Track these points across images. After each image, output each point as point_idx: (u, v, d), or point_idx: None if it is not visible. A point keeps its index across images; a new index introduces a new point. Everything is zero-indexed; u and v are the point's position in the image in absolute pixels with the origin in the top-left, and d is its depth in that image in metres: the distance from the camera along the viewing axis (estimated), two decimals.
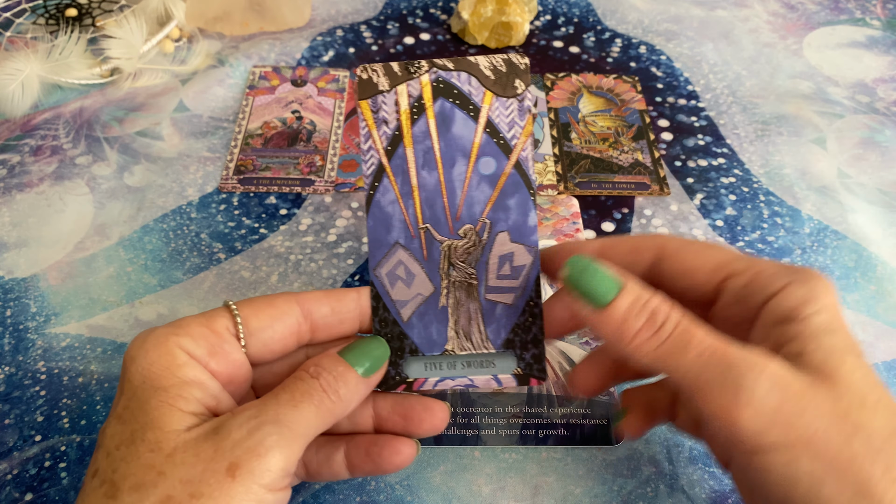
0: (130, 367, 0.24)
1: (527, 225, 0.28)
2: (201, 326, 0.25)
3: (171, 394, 0.24)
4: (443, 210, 0.28)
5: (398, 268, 0.28)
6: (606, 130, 0.50)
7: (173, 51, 0.54)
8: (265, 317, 0.26)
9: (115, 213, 0.44)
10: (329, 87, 0.52)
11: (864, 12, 0.62)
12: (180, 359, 0.24)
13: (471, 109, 0.28)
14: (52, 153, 0.47)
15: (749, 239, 0.44)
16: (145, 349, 0.24)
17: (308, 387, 0.25)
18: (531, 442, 0.34)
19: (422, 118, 0.28)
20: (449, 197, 0.27)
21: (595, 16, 0.60)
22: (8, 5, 0.57)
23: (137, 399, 0.24)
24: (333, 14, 0.59)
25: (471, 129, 0.28)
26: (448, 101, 0.28)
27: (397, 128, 0.28)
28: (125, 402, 0.24)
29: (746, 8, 0.62)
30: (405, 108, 0.28)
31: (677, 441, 0.35)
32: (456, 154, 0.28)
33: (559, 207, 0.45)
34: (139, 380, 0.24)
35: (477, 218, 0.28)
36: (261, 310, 0.26)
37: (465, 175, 0.27)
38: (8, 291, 0.40)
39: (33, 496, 0.32)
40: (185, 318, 0.26)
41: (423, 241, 0.28)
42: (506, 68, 0.28)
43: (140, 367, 0.24)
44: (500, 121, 0.28)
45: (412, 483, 0.33)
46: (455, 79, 0.28)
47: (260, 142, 0.48)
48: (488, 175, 0.28)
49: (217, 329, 0.26)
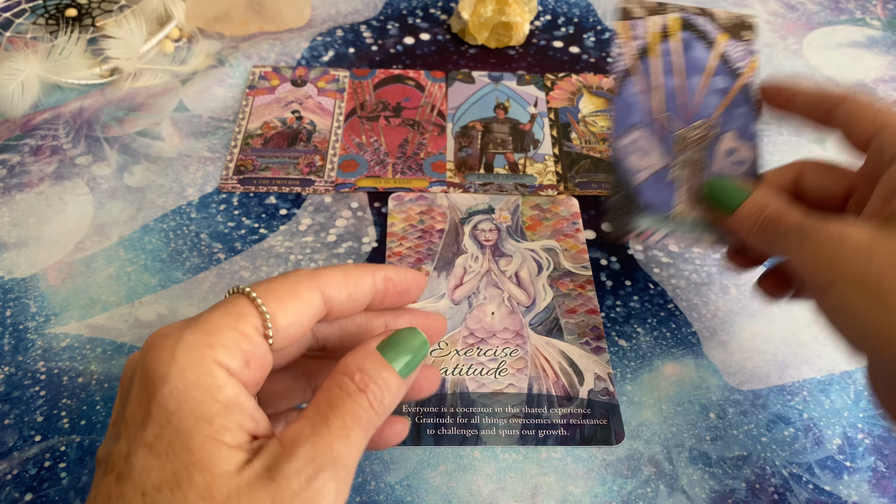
0: (162, 388, 0.21)
1: (750, 130, 0.35)
2: (233, 331, 0.23)
3: (215, 425, 0.21)
4: (680, 108, 0.35)
5: (636, 142, 0.35)
6: (606, 131, 0.50)
7: (173, 51, 0.54)
8: (292, 311, 0.24)
9: (115, 213, 0.44)
10: (329, 87, 0.52)
11: (864, 12, 0.62)
12: (220, 379, 0.22)
13: (708, 42, 0.36)
14: (52, 153, 0.47)
15: None
16: (179, 367, 0.21)
17: (357, 407, 0.23)
18: (531, 442, 0.34)
19: (667, 42, 0.36)
20: (687, 99, 0.35)
21: (595, 16, 0.60)
22: (8, 5, 0.57)
23: (175, 430, 0.21)
24: (333, 14, 0.59)
25: (707, 55, 0.36)
26: (690, 33, 0.36)
27: (645, 45, 0.36)
28: (157, 430, 0.21)
29: (746, 8, 0.62)
30: (655, 31, 0.36)
31: (677, 441, 0.35)
32: (693, 69, 0.35)
33: (559, 208, 0.45)
34: (174, 405, 0.21)
35: (708, 118, 0.35)
36: (286, 302, 0.24)
37: (701, 85, 0.35)
38: (8, 291, 0.40)
39: (33, 496, 0.32)
40: (210, 318, 0.23)
41: (660, 126, 0.35)
42: (739, 21, 0.37)
43: (175, 390, 0.21)
44: (731, 54, 0.36)
45: (412, 483, 0.33)
46: (697, 20, 0.36)
47: (260, 142, 0.48)
48: (719, 89, 0.35)
49: (247, 332, 0.23)
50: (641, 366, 0.38)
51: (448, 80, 0.53)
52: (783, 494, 0.33)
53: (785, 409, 0.36)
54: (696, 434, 0.35)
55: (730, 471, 0.34)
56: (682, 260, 0.42)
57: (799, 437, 0.35)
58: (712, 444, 0.35)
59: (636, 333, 0.39)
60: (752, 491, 0.33)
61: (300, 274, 0.25)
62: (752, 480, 0.34)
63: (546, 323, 0.39)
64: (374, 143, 0.48)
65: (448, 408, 0.35)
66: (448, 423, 0.35)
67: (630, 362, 0.38)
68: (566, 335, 0.38)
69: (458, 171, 0.47)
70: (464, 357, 0.37)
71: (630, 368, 0.37)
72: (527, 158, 0.48)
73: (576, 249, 0.42)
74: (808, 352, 0.39)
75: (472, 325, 0.39)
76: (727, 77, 0.36)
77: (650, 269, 0.42)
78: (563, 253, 0.42)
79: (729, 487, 0.33)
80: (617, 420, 0.35)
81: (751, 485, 0.34)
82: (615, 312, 0.40)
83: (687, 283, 0.41)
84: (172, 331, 0.23)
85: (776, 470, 0.34)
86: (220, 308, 0.23)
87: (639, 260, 0.42)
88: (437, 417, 0.35)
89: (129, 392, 0.22)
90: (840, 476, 0.34)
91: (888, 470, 0.34)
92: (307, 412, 0.23)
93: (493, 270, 0.41)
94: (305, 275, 0.25)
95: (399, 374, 0.25)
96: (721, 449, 0.35)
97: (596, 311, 0.39)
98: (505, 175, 0.46)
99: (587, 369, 0.37)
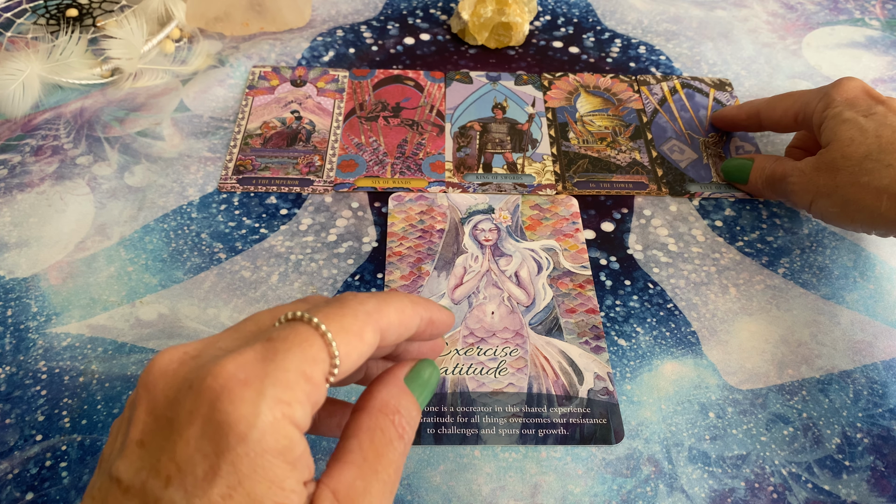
0: (237, 448, 0.20)
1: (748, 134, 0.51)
2: (307, 382, 0.21)
3: (286, 490, 0.21)
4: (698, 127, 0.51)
5: (672, 147, 0.49)
6: (604, 130, 0.50)
7: (174, 51, 0.54)
8: (356, 354, 0.23)
9: (116, 213, 0.44)
10: (328, 87, 0.52)
11: (863, 13, 0.62)
12: (294, 439, 0.21)
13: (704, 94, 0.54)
14: (53, 153, 0.47)
15: (748, 239, 0.44)
16: (261, 429, 0.20)
17: (398, 455, 0.24)
18: (531, 441, 0.34)
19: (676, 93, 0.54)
20: (699, 123, 0.52)
21: (595, 16, 0.60)
22: (9, 5, 0.57)
23: (247, 493, 0.20)
24: (334, 14, 0.59)
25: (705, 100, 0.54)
26: (690, 90, 0.54)
27: (662, 96, 0.54)
28: (226, 491, 0.20)
29: (746, 8, 0.62)
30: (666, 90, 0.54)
31: (677, 440, 0.35)
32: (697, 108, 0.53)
33: (559, 207, 0.45)
34: (249, 468, 0.20)
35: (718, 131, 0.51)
36: (354, 346, 0.23)
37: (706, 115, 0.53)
38: (9, 291, 0.40)
39: (34, 495, 0.32)
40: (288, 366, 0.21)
41: (686, 137, 0.50)
42: (720, 81, 0.56)
43: (253, 454, 0.20)
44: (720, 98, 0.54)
45: (412, 482, 0.33)
46: (693, 82, 0.55)
47: (259, 142, 0.48)
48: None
49: (318, 380, 0.22)
50: (641, 365, 0.38)
51: (446, 81, 0.53)
52: (782, 494, 0.33)
53: (784, 409, 0.36)
54: (696, 433, 0.35)
55: (729, 470, 0.34)
56: (682, 260, 0.43)
57: (798, 436, 0.35)
58: (712, 443, 0.35)
59: (636, 333, 0.39)
60: (752, 490, 0.33)
61: (367, 311, 0.24)
62: (751, 480, 0.34)
63: (546, 322, 0.39)
64: (373, 144, 0.48)
65: (448, 407, 0.35)
66: (448, 422, 0.35)
67: (629, 362, 0.38)
68: (566, 335, 0.38)
69: (456, 171, 0.47)
70: (464, 356, 0.37)
71: (629, 368, 0.37)
72: (525, 158, 0.48)
73: (575, 249, 0.42)
74: (807, 351, 0.39)
75: (472, 324, 0.39)
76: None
77: (649, 268, 0.42)
78: (563, 252, 0.42)
79: (728, 487, 0.33)
80: (616, 419, 0.35)
81: (750, 484, 0.34)
82: (615, 312, 0.40)
83: (686, 283, 0.41)
84: (250, 376, 0.21)
85: (775, 469, 0.34)
86: (295, 350, 0.22)
87: (638, 260, 0.42)
88: (437, 417, 0.35)
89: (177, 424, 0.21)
90: (839, 475, 0.34)
91: (887, 469, 0.34)
92: (352, 458, 0.23)
93: (493, 270, 0.41)
94: (372, 313, 0.24)
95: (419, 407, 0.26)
96: (720, 448, 0.35)
97: (595, 311, 0.40)
98: (503, 175, 0.47)
99: (587, 369, 0.37)
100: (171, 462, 0.20)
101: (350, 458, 0.23)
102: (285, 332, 0.22)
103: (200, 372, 0.21)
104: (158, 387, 0.22)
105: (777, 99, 0.46)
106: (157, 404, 0.21)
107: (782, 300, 0.41)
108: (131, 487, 0.21)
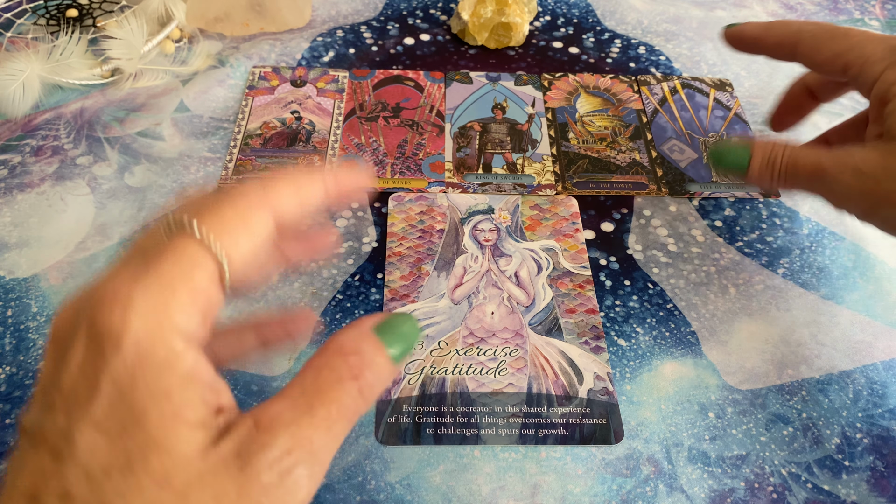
0: (113, 360, 0.19)
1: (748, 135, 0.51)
2: (188, 286, 0.20)
3: (174, 401, 0.19)
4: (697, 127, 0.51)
5: (672, 147, 0.49)
6: (604, 130, 0.50)
7: (174, 51, 0.54)
8: (246, 247, 0.21)
9: (116, 213, 0.44)
10: (328, 87, 0.52)
11: (862, 12, 0.62)
12: (178, 348, 0.19)
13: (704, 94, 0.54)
14: (53, 153, 0.47)
15: (748, 239, 0.44)
16: (134, 335, 0.19)
17: (346, 396, 0.21)
18: (531, 441, 0.34)
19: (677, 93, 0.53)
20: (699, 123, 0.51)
21: (594, 16, 0.60)
22: (9, 6, 0.57)
23: (129, 407, 0.19)
24: (334, 15, 0.59)
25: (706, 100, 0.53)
26: (690, 90, 0.54)
27: (662, 96, 0.53)
28: (107, 407, 0.19)
29: (745, 8, 0.62)
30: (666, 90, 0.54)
31: (676, 440, 0.35)
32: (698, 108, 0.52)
33: (559, 208, 0.45)
34: (127, 379, 0.19)
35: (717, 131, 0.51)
36: (239, 237, 0.21)
37: (707, 116, 0.52)
38: (9, 291, 0.40)
39: None
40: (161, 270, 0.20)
41: (686, 137, 0.50)
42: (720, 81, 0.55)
43: (129, 363, 0.19)
44: (720, 99, 0.53)
45: (412, 482, 0.33)
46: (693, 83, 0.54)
47: (259, 142, 0.48)
48: (720, 116, 0.52)
49: (203, 284, 0.20)
50: (640, 365, 0.38)
51: (446, 81, 0.53)
52: (782, 494, 0.33)
53: (784, 409, 0.36)
54: (695, 433, 0.35)
55: (729, 470, 0.34)
56: (681, 260, 0.43)
57: (798, 436, 0.35)
58: (711, 443, 0.35)
59: (635, 333, 0.39)
60: (751, 490, 0.33)
61: (248, 196, 0.22)
62: (750, 480, 0.34)
63: (545, 322, 0.39)
64: (372, 144, 0.48)
65: (448, 407, 0.35)
66: (448, 422, 0.35)
67: (629, 362, 0.38)
68: (565, 335, 0.38)
69: (456, 172, 0.47)
70: (463, 356, 0.37)
71: (629, 368, 0.38)
72: (525, 158, 0.48)
73: (575, 249, 0.42)
74: (807, 351, 0.39)
75: (472, 324, 0.39)
76: (723, 110, 0.52)
77: (649, 268, 0.42)
78: (563, 253, 0.42)
79: (728, 487, 0.33)
80: (616, 419, 0.35)
81: (749, 484, 0.34)
82: (614, 312, 0.40)
83: (686, 283, 0.41)
84: (120, 284, 0.19)
85: (775, 469, 0.34)
86: (169, 255, 0.20)
87: (638, 260, 0.43)
88: (437, 417, 0.35)
89: (66, 354, 0.19)
90: (839, 475, 0.34)
91: (887, 469, 0.34)
92: (290, 392, 0.21)
93: (493, 270, 0.41)
94: (254, 196, 0.22)
95: (392, 361, 0.23)
96: (720, 448, 0.35)
97: (595, 311, 0.40)
98: (503, 175, 0.47)
99: (586, 369, 0.37)
100: (58, 393, 0.19)
101: (286, 392, 0.21)
102: (158, 240, 0.21)
103: (84, 298, 0.20)
104: (56, 326, 0.21)
105: (827, 32, 0.35)
106: (55, 342, 0.21)
107: (782, 300, 0.41)
108: (35, 435, 0.19)
